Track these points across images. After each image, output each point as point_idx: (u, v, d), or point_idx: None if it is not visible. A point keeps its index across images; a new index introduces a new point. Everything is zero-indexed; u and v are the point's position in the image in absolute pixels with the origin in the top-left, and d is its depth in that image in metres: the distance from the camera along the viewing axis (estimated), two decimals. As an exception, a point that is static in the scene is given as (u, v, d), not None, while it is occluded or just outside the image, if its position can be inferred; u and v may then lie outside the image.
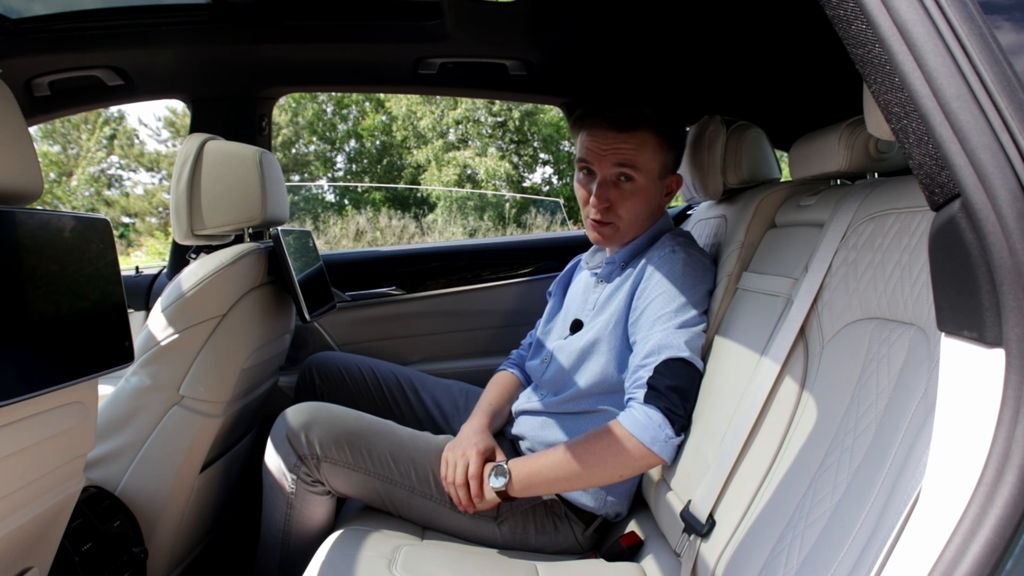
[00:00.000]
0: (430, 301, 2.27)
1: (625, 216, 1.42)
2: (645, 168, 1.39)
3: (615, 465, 1.23)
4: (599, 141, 1.39)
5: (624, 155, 1.38)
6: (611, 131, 1.38)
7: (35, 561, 0.99)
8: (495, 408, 1.54)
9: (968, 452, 0.57)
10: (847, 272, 1.00)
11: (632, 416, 1.23)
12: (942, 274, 0.62)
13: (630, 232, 1.46)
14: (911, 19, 0.60)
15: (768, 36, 1.75)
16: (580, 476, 1.25)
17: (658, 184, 1.44)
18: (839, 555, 0.76)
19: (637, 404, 1.24)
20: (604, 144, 1.39)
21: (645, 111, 1.38)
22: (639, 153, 1.38)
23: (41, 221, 0.83)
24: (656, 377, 1.24)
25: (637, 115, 1.37)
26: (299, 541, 1.38)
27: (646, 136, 1.38)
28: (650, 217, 1.46)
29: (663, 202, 1.48)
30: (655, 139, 1.39)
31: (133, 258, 12.24)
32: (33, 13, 1.73)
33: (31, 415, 0.84)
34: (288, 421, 1.36)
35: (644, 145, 1.38)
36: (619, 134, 1.38)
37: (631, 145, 1.38)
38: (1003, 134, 0.57)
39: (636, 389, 1.26)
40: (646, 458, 1.22)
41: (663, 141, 1.40)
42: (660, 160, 1.41)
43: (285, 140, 16.68)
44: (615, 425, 1.24)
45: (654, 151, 1.39)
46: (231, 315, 1.44)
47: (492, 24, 1.79)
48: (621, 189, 1.40)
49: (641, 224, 1.45)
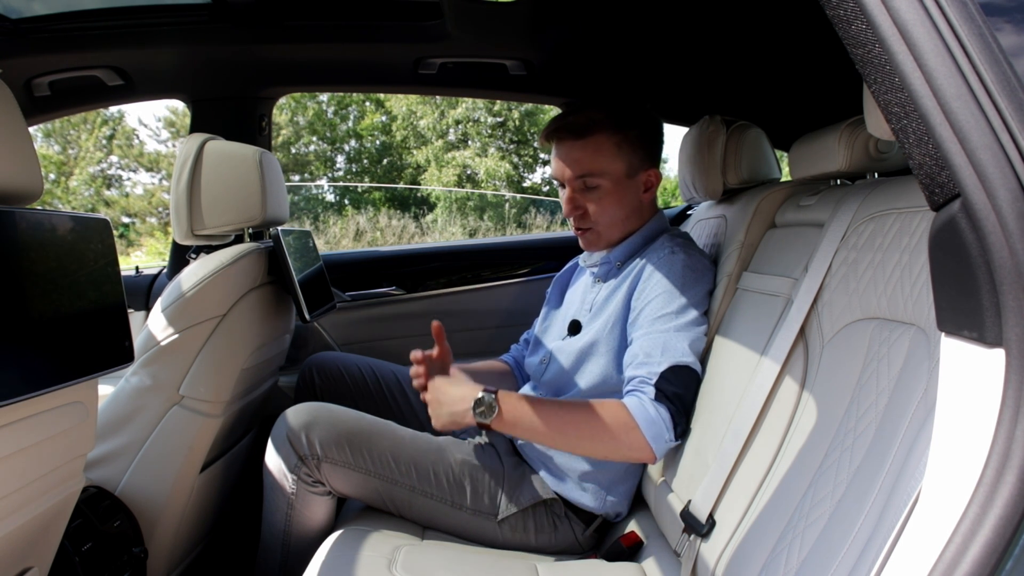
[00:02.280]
0: (430, 301, 2.27)
1: (600, 220, 1.42)
2: (606, 171, 1.39)
3: (607, 446, 1.21)
4: (559, 153, 1.42)
5: (581, 163, 1.39)
6: (568, 141, 1.40)
7: (35, 561, 0.99)
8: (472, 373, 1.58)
9: (968, 452, 0.57)
10: (847, 272, 1.00)
11: (643, 408, 1.20)
12: (942, 274, 0.62)
13: (613, 233, 1.45)
14: (911, 19, 0.60)
15: (768, 36, 1.75)
16: (567, 441, 1.22)
17: (628, 183, 1.42)
18: (839, 555, 0.76)
19: (647, 399, 1.22)
20: (564, 155, 1.41)
21: (594, 115, 1.38)
22: (596, 158, 1.38)
23: (41, 221, 0.83)
24: (662, 382, 1.23)
25: (586, 120, 1.38)
26: (300, 541, 1.38)
27: (600, 140, 1.38)
28: (631, 216, 1.45)
29: (644, 199, 1.46)
30: (610, 140, 1.38)
31: (133, 258, 12.24)
32: (33, 13, 1.73)
33: (31, 415, 0.84)
34: (288, 421, 1.36)
35: (600, 149, 1.38)
36: (575, 142, 1.39)
37: (587, 152, 1.38)
38: (1003, 134, 0.57)
39: (643, 384, 1.24)
40: (641, 451, 1.20)
41: (621, 140, 1.39)
42: (623, 159, 1.40)
43: (285, 140, 16.67)
44: (620, 409, 1.20)
45: (612, 153, 1.39)
46: (231, 315, 1.44)
47: (492, 24, 1.79)
48: (588, 195, 1.41)
49: (622, 224, 1.44)
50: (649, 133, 1.44)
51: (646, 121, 1.44)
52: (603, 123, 1.38)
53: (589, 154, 1.38)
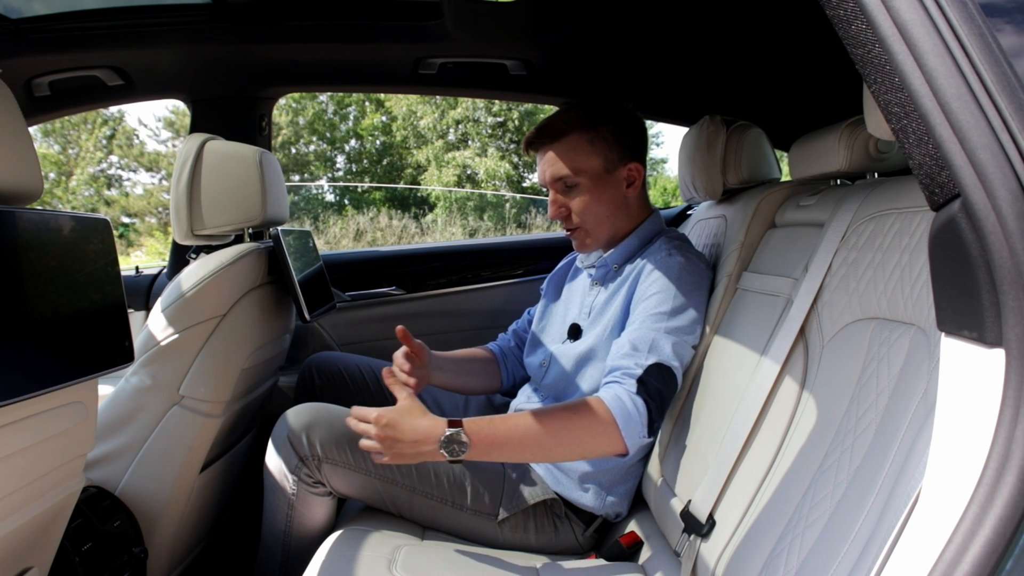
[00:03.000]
0: (430, 301, 2.27)
1: (585, 218, 1.43)
2: (582, 169, 1.40)
3: (586, 446, 1.17)
4: (539, 158, 1.45)
5: (556, 165, 1.41)
6: (546, 145, 1.43)
7: (35, 561, 0.99)
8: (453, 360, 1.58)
9: (968, 452, 0.57)
10: (847, 272, 1.00)
11: (620, 401, 1.17)
12: (942, 274, 0.62)
13: (601, 231, 1.45)
14: (911, 19, 0.60)
15: (768, 36, 1.75)
16: (547, 453, 1.18)
17: (607, 179, 1.42)
18: (839, 555, 0.76)
19: (625, 391, 1.19)
20: (541, 160, 1.44)
21: (565, 116, 1.41)
22: (571, 157, 1.40)
23: (41, 221, 0.83)
24: (647, 377, 1.21)
25: (559, 123, 1.41)
26: (300, 542, 1.38)
27: (574, 139, 1.40)
28: (617, 212, 1.44)
29: (628, 194, 1.45)
30: (583, 138, 1.40)
31: (133, 258, 12.24)
32: (33, 13, 1.73)
33: (31, 415, 0.84)
34: (289, 422, 1.36)
35: (573, 148, 1.40)
36: (551, 145, 1.42)
37: (562, 153, 1.40)
38: (1003, 134, 0.57)
39: (625, 377, 1.21)
40: (615, 447, 1.16)
41: (593, 137, 1.40)
42: (599, 155, 1.40)
43: (285, 140, 16.67)
44: (596, 403, 1.17)
45: (586, 150, 1.40)
46: (231, 315, 1.44)
47: (492, 24, 1.79)
48: (570, 195, 1.43)
49: (609, 221, 1.44)
50: (624, 127, 1.44)
51: (619, 116, 1.44)
52: (575, 123, 1.40)
53: (564, 154, 1.40)
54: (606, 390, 1.21)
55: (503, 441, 1.14)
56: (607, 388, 1.21)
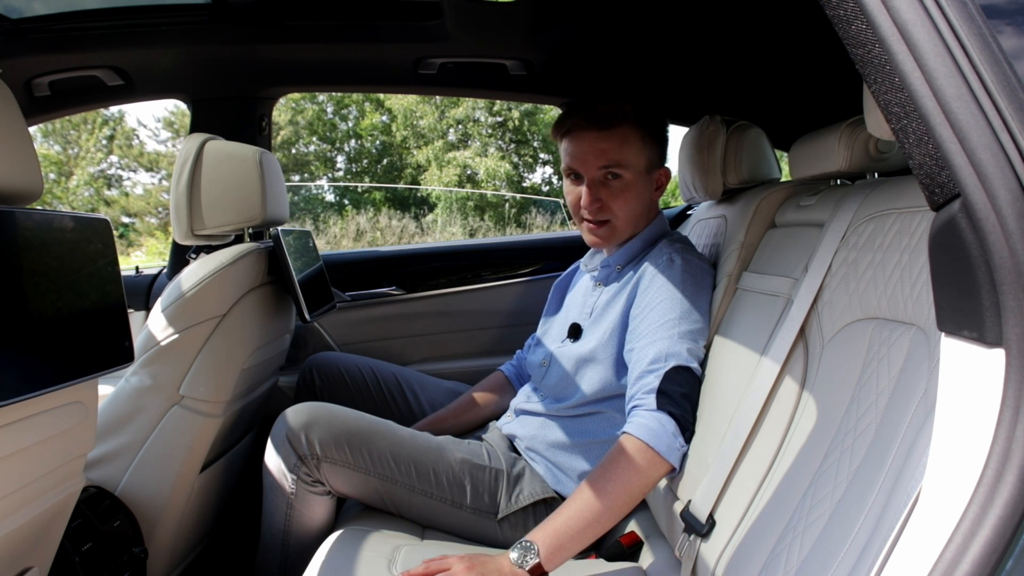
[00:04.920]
0: (430, 301, 2.27)
1: (620, 213, 1.41)
2: (631, 164, 1.39)
3: (638, 485, 1.15)
4: (582, 144, 1.39)
5: (608, 153, 1.37)
6: (592, 131, 1.38)
7: (35, 561, 0.99)
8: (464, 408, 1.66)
9: (968, 452, 0.57)
10: (847, 272, 1.00)
11: (643, 425, 1.17)
12: (942, 274, 0.62)
13: (627, 230, 1.45)
14: (911, 19, 0.60)
15: (768, 36, 1.75)
16: (610, 512, 1.13)
17: (646, 178, 1.43)
18: (839, 555, 0.76)
19: (646, 411, 1.19)
20: (587, 146, 1.38)
21: (623, 107, 1.38)
22: (623, 149, 1.37)
23: (41, 221, 0.83)
24: (667, 383, 1.21)
25: (616, 112, 1.37)
26: (299, 541, 1.38)
27: (627, 131, 1.38)
28: (644, 213, 1.45)
29: (654, 197, 1.47)
30: (637, 133, 1.39)
31: (133, 258, 12.24)
32: (33, 13, 1.73)
33: (31, 415, 0.84)
34: (288, 421, 1.36)
35: (627, 141, 1.38)
36: (600, 133, 1.37)
37: (613, 143, 1.37)
38: (1003, 134, 0.57)
39: (644, 395, 1.21)
40: (660, 467, 1.16)
41: (645, 134, 1.40)
42: (645, 154, 1.41)
43: (285, 140, 16.67)
44: (627, 440, 1.16)
45: (638, 146, 1.39)
46: (231, 315, 1.44)
47: (492, 24, 1.79)
48: (611, 187, 1.39)
49: (637, 221, 1.44)
50: (663, 133, 1.47)
51: (661, 121, 1.46)
52: (631, 115, 1.38)
53: (616, 145, 1.37)
54: (629, 421, 1.20)
55: (566, 532, 1.11)
56: (629, 418, 1.21)
